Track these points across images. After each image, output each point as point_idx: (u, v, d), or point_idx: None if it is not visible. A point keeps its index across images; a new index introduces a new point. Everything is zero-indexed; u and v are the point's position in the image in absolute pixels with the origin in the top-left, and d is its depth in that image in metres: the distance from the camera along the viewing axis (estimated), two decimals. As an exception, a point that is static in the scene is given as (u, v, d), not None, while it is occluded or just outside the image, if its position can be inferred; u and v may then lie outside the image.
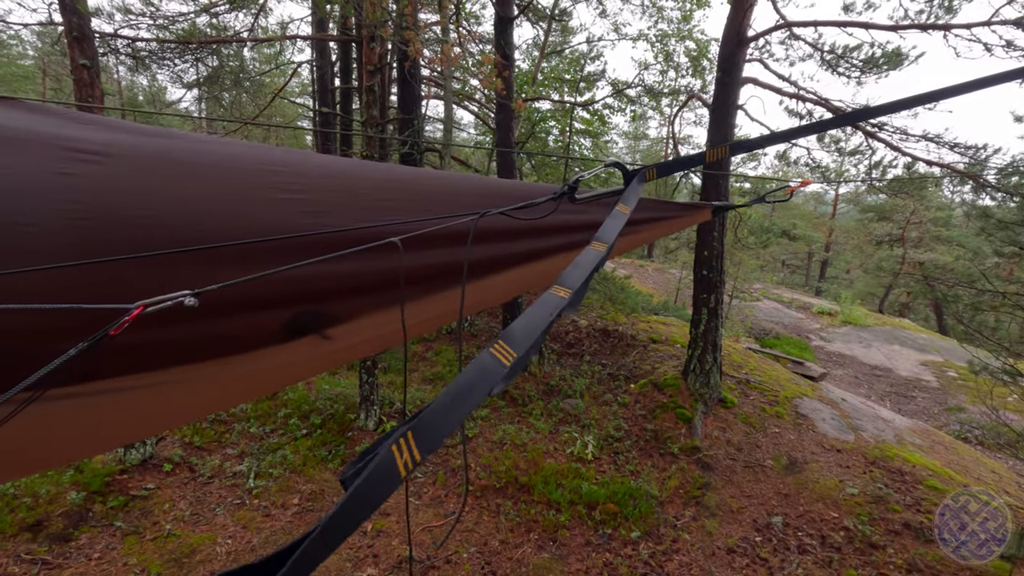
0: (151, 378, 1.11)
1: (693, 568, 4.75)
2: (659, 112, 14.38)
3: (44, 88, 19.52)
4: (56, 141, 1.02)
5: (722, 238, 7.43)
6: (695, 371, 7.26)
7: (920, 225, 20.30)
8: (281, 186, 1.23)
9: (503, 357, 0.74)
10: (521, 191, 1.62)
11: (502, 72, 7.35)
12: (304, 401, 7.01)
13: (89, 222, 0.97)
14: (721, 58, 7.12)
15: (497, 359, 0.73)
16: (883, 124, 7.09)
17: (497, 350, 0.74)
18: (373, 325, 1.45)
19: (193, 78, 11.23)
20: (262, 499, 5.32)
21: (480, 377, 0.72)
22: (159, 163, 1.12)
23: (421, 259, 1.30)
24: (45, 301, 0.87)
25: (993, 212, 6.97)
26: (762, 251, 17.20)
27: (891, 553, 4.71)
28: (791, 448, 6.26)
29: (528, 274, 1.65)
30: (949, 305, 7.70)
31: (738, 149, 1.85)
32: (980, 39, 5.87)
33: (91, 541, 4.56)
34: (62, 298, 0.90)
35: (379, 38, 6.03)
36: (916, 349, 14.00)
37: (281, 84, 11.97)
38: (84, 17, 4.99)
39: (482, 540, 5.04)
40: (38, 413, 0.92)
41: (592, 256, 1.03)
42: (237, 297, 1.07)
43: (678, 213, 1.98)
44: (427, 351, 9.50)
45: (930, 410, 10.14)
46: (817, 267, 29.35)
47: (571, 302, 0.95)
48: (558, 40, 14.09)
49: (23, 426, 0.94)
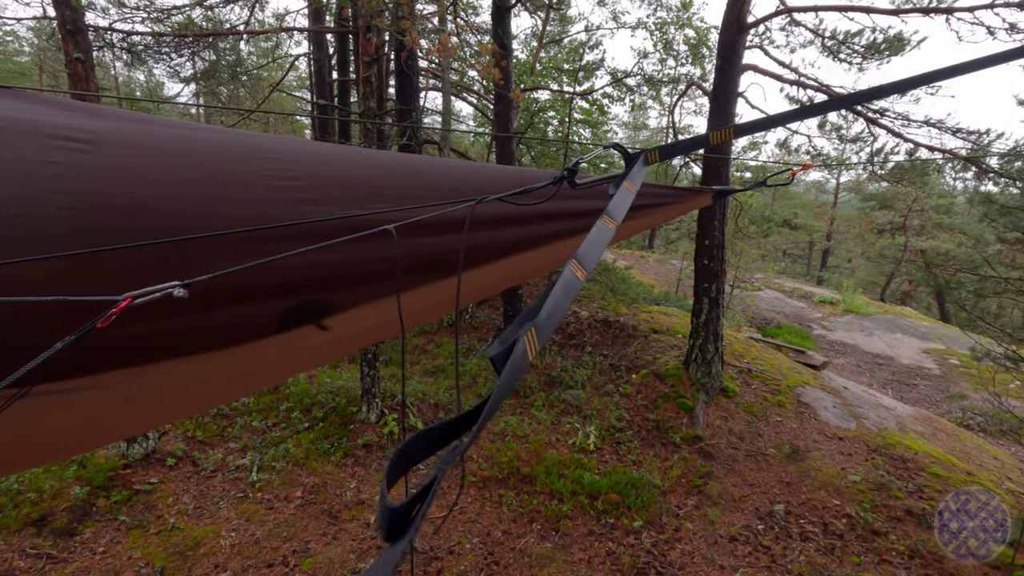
0: (144, 372, 1.09)
1: (696, 557, 4.77)
2: (659, 101, 14.30)
3: (41, 84, 19.40)
4: (41, 128, 0.99)
5: (723, 227, 7.39)
6: (697, 361, 7.25)
7: (922, 213, 20.20)
8: (275, 174, 1.20)
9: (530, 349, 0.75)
10: (520, 177, 1.60)
11: (500, 62, 7.29)
12: (306, 394, 7.01)
13: (76, 211, 0.94)
14: (721, 45, 7.05)
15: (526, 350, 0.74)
16: (885, 110, 7.03)
17: (528, 340, 0.75)
18: (371, 315, 1.43)
19: (190, 72, 11.15)
20: (265, 492, 5.34)
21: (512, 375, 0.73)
22: (148, 150, 1.09)
23: (418, 247, 1.28)
24: (32, 293, 0.85)
25: (996, 198, 6.92)
26: (763, 240, 17.14)
27: (893, 540, 4.72)
28: (793, 436, 6.26)
29: (527, 261, 1.63)
30: (951, 293, 7.67)
31: (743, 131, 1.82)
32: (983, 22, 5.80)
33: (96, 535, 4.58)
34: (49, 290, 0.88)
35: (375, 28, 5.97)
36: (918, 337, 13.98)
37: (279, 78, 11.89)
38: (77, 11, 4.94)
39: (485, 531, 5.05)
40: (28, 408, 0.90)
41: (605, 233, 1.00)
42: (230, 287, 1.05)
43: (679, 198, 1.96)
44: (428, 343, 9.50)
45: (932, 397, 10.14)
46: (819, 256, 29.29)
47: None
48: (556, 29, 13.98)
49: (13, 421, 0.92)
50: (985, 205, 6.85)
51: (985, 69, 1.41)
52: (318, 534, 4.86)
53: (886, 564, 4.51)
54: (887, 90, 1.74)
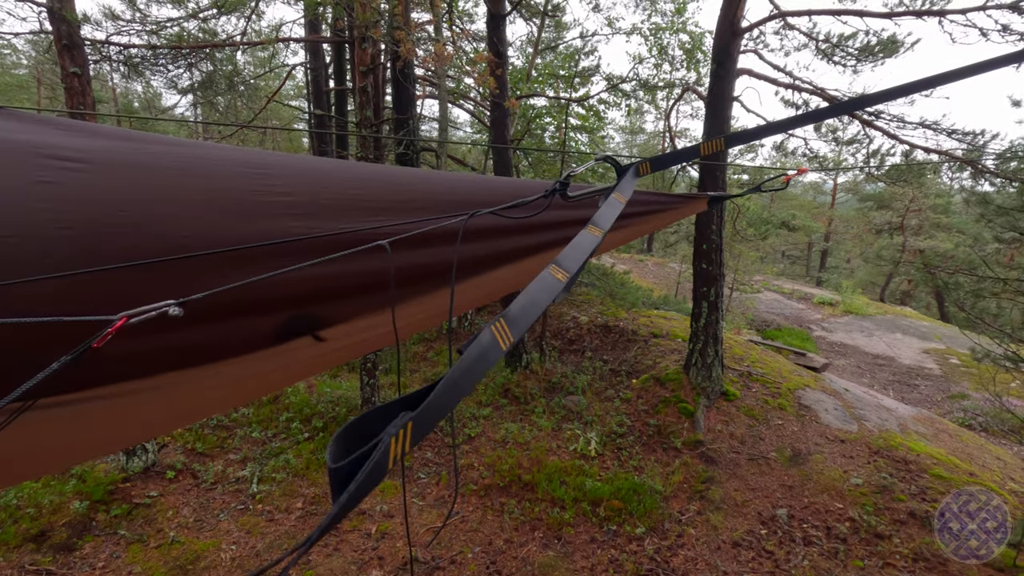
0: (143, 384, 1.10)
1: (699, 563, 4.74)
2: (655, 106, 14.35)
3: (39, 97, 19.46)
4: (35, 148, 0.99)
5: (721, 231, 7.40)
6: (697, 365, 7.24)
7: (920, 213, 20.25)
8: (270, 190, 1.21)
9: (501, 339, 0.73)
10: (515, 188, 1.61)
11: (495, 70, 7.32)
12: (306, 404, 7.00)
13: (70, 231, 0.95)
14: (715, 50, 7.08)
15: (496, 340, 0.73)
16: (880, 112, 7.05)
17: (497, 329, 0.73)
18: (367, 326, 1.44)
19: (187, 83, 11.19)
20: (265, 504, 5.31)
21: (479, 362, 0.71)
22: (143, 169, 1.10)
23: (412, 259, 1.29)
24: (28, 313, 0.85)
25: (992, 198, 6.93)
26: (761, 243, 17.14)
27: (897, 543, 4.70)
28: (795, 440, 6.24)
29: (522, 270, 1.64)
30: (950, 292, 7.67)
31: (734, 141, 1.83)
32: (975, 24, 5.83)
33: (95, 550, 4.55)
34: (48, 308, 0.89)
35: (371, 39, 6.00)
36: (918, 337, 13.98)
37: (275, 88, 11.93)
38: (73, 25, 4.96)
39: (487, 539, 5.02)
40: (31, 421, 0.90)
41: (589, 240, 1.01)
42: (227, 302, 1.05)
43: (675, 204, 1.97)
44: (428, 351, 9.48)
45: (933, 398, 10.12)
46: (817, 257, 29.32)
47: (566, 286, 0.93)
48: (552, 36, 14.04)
49: (17, 434, 0.92)
50: (982, 205, 6.86)
51: (982, 73, 1.41)
52: (319, 545, 4.83)
53: (890, 568, 4.49)
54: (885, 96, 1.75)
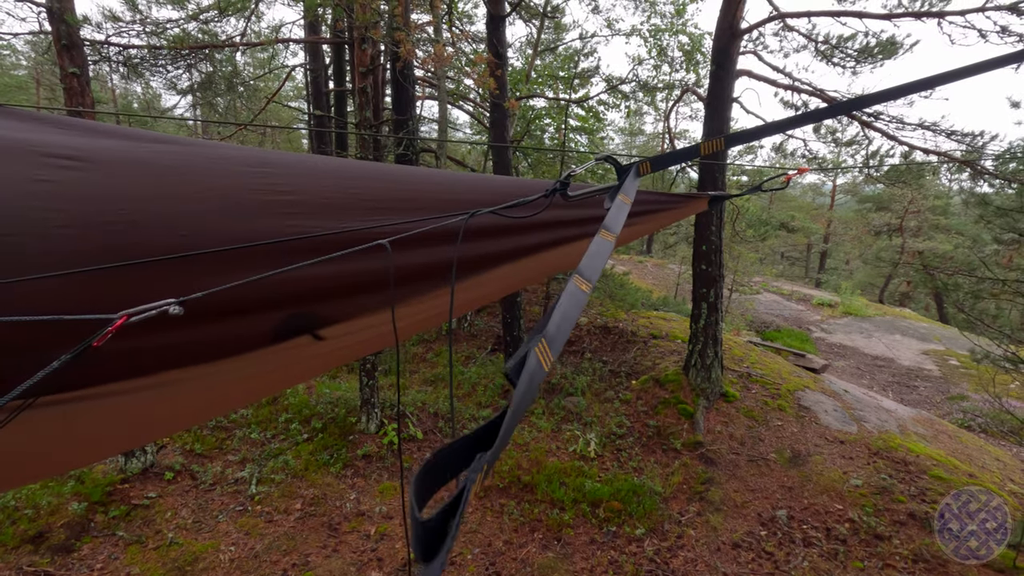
0: (143, 382, 1.09)
1: (699, 564, 4.73)
2: (654, 107, 14.37)
3: (38, 98, 19.44)
4: (33, 147, 0.99)
5: (720, 232, 7.40)
6: (696, 366, 7.24)
7: (918, 214, 20.27)
8: (270, 189, 1.20)
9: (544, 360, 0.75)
10: (515, 188, 1.60)
11: (495, 71, 7.32)
12: (305, 405, 6.98)
13: (69, 230, 0.94)
14: (715, 51, 7.09)
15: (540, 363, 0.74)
16: (879, 113, 7.06)
17: (540, 351, 0.75)
18: (367, 325, 1.43)
19: (187, 84, 11.18)
20: (264, 505, 5.30)
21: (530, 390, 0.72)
22: (142, 167, 1.09)
23: (412, 259, 1.28)
24: (28, 311, 0.85)
25: (991, 199, 6.93)
26: (761, 244, 17.16)
27: (897, 544, 4.70)
28: (794, 441, 6.24)
29: (522, 269, 1.63)
30: (949, 294, 7.67)
31: (734, 141, 1.83)
32: (974, 25, 5.84)
33: (93, 552, 4.54)
34: (49, 307, 0.88)
35: (370, 40, 6.00)
36: (917, 338, 13.98)
37: (275, 88, 11.92)
38: (72, 26, 4.96)
39: (486, 541, 5.02)
40: (32, 419, 0.90)
41: (605, 247, 1.01)
42: (226, 301, 1.05)
43: (675, 204, 1.96)
44: (427, 352, 9.48)
45: (933, 399, 10.12)
46: (816, 258, 29.33)
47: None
48: (551, 37, 14.05)
49: (18, 432, 0.92)
50: (981, 207, 6.86)
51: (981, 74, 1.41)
52: (318, 547, 4.82)
53: (890, 569, 4.48)
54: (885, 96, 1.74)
